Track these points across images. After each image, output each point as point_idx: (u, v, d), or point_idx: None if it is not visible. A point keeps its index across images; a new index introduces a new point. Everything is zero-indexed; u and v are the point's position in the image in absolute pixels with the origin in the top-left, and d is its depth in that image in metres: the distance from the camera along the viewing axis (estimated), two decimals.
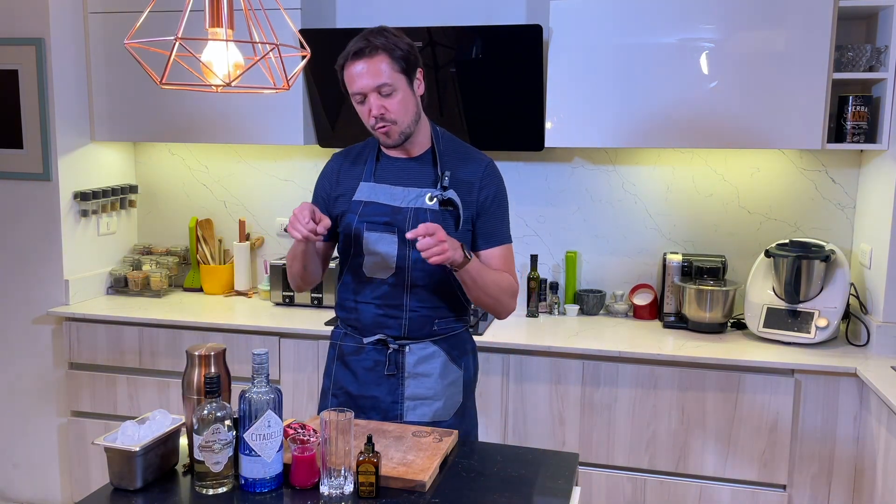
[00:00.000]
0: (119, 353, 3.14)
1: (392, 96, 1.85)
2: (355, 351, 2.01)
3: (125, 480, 1.59)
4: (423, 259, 1.84)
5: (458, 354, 2.03)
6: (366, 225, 1.94)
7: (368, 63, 1.83)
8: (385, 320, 1.96)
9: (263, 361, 1.58)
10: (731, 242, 3.14)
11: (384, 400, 1.98)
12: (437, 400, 1.99)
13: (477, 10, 3.21)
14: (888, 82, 2.67)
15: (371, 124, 1.89)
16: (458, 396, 2.03)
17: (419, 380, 1.98)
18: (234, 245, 3.50)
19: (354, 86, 1.86)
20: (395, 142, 1.91)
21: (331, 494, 1.54)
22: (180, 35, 1.49)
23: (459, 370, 2.03)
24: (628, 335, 2.90)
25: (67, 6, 3.21)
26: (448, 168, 1.95)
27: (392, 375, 1.97)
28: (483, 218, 1.98)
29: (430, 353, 1.98)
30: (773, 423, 2.62)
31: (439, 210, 1.92)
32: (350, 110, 2.01)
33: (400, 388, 1.98)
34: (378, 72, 1.83)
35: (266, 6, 1.76)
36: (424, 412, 1.98)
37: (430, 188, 1.94)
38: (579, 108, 2.88)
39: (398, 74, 1.85)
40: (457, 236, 1.92)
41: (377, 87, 1.84)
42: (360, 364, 2.00)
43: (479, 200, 1.97)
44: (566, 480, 1.68)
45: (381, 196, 1.95)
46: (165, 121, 3.27)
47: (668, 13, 2.76)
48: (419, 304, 1.95)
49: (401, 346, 1.97)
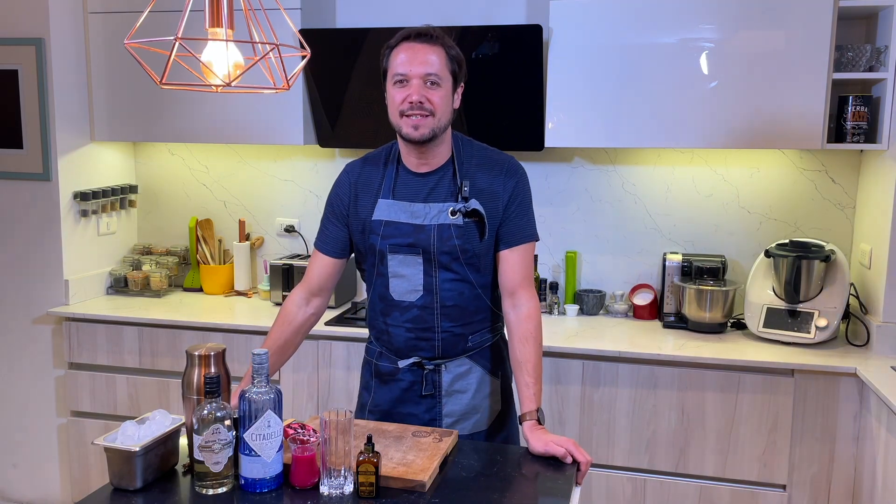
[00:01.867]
0: (119, 353, 3.14)
1: (436, 90, 1.78)
2: (391, 371, 1.97)
3: (125, 480, 1.59)
4: (451, 279, 1.84)
5: (495, 365, 1.99)
6: (389, 246, 1.86)
7: (428, 48, 1.77)
8: (418, 343, 1.91)
9: (263, 361, 1.58)
10: (731, 242, 3.14)
11: (422, 418, 1.95)
12: (476, 413, 1.96)
13: (477, 10, 3.21)
14: (888, 82, 2.67)
15: (403, 109, 1.78)
16: (497, 405, 2.00)
17: (456, 397, 1.94)
18: (234, 245, 3.50)
19: (403, 66, 1.76)
20: (421, 136, 1.79)
21: (331, 494, 1.54)
22: (180, 35, 1.49)
23: (497, 379, 1.99)
24: (628, 335, 2.90)
25: (67, 6, 3.21)
26: (468, 177, 1.87)
27: (430, 395, 1.94)
28: (507, 222, 1.90)
29: (465, 370, 1.94)
30: (772, 423, 2.62)
31: (463, 223, 1.85)
32: (350, 110, 2.01)
33: (437, 406, 1.95)
34: (433, 61, 1.77)
35: (266, 6, 1.76)
36: (464, 426, 1.96)
37: (450, 202, 1.85)
38: (579, 108, 2.88)
39: (448, 74, 1.80)
40: (483, 245, 1.87)
41: (426, 74, 1.76)
42: (398, 385, 1.97)
43: (503, 205, 1.89)
44: (566, 480, 1.67)
45: (401, 215, 1.86)
46: (165, 121, 3.27)
47: (668, 13, 2.76)
48: (451, 324, 1.90)
49: (436, 366, 1.93)
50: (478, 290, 1.91)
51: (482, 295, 1.92)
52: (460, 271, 1.87)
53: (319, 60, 2.28)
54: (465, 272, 1.88)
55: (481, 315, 1.94)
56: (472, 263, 1.88)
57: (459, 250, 1.85)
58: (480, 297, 1.92)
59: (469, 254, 1.86)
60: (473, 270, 1.89)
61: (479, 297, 1.92)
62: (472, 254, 1.87)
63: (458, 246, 1.85)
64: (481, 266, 1.90)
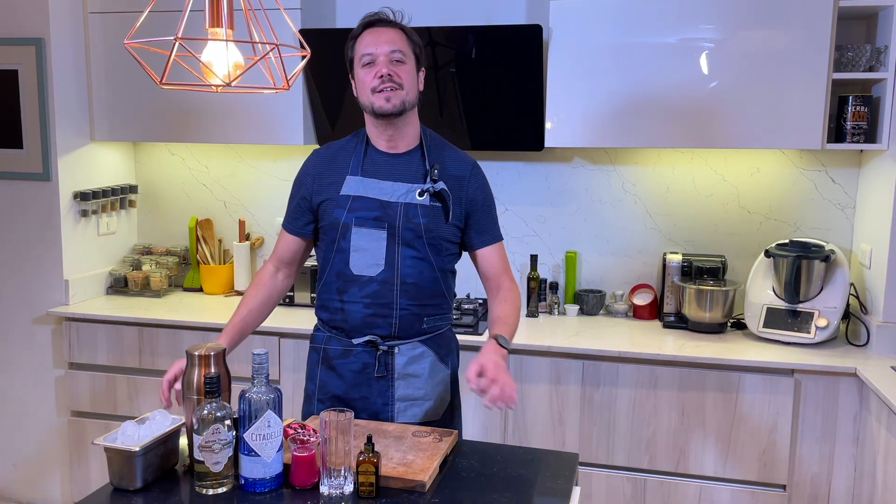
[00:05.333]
0: (119, 353, 3.14)
1: (402, 65, 1.88)
2: (342, 354, 1.98)
3: (125, 480, 1.59)
4: (413, 256, 1.90)
5: (445, 353, 2.03)
6: (354, 219, 1.92)
7: (389, 30, 1.90)
8: (375, 320, 1.93)
9: (263, 361, 1.58)
10: (731, 242, 3.14)
11: (374, 402, 1.97)
12: (428, 400, 1.99)
13: (477, 10, 3.21)
14: (888, 82, 2.67)
15: (375, 86, 1.87)
16: (447, 395, 2.03)
17: (409, 380, 1.97)
18: (234, 245, 3.50)
19: (369, 47, 1.87)
20: (393, 107, 1.87)
21: (331, 494, 1.54)
22: (180, 35, 1.49)
23: (447, 368, 2.04)
24: (628, 335, 2.90)
25: (67, 6, 3.21)
26: (435, 162, 1.96)
27: (382, 377, 1.96)
28: (476, 216, 2.00)
29: (418, 354, 1.97)
30: (773, 422, 2.62)
31: (429, 204, 1.92)
32: (350, 110, 2.02)
33: (390, 389, 1.96)
34: (395, 40, 1.89)
35: (266, 6, 1.76)
36: (415, 413, 1.97)
37: (418, 183, 1.93)
38: (579, 108, 2.88)
39: (411, 52, 1.92)
40: (447, 228, 1.94)
41: (391, 51, 1.87)
42: (348, 367, 1.98)
43: (468, 196, 1.98)
44: (566, 480, 1.68)
45: (369, 190, 1.93)
46: (165, 121, 3.27)
47: (668, 13, 2.76)
48: (409, 301, 1.93)
49: (390, 347, 1.95)
50: (436, 272, 1.96)
51: (439, 279, 1.97)
52: (422, 250, 1.93)
53: (319, 60, 2.28)
54: (427, 252, 1.93)
55: (437, 299, 1.99)
56: (433, 244, 1.94)
57: (423, 229, 1.91)
58: (437, 281, 1.97)
59: (432, 234, 1.93)
60: (434, 252, 1.95)
61: (437, 280, 1.97)
62: (436, 234, 1.93)
63: (422, 224, 1.91)
64: (441, 249, 1.96)
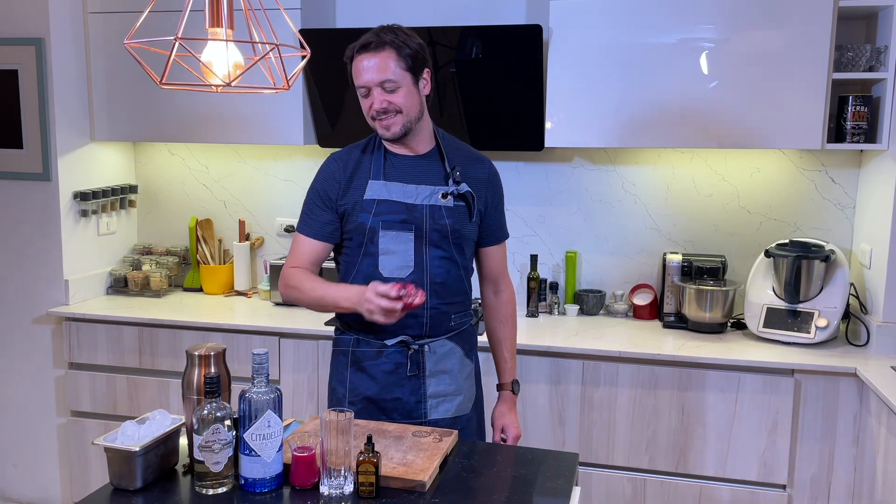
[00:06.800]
0: (119, 353, 3.14)
1: (396, 92, 1.88)
2: (374, 355, 2.00)
3: (125, 480, 1.59)
4: (440, 256, 1.94)
5: (469, 348, 2.09)
6: (381, 223, 1.94)
7: (375, 57, 1.87)
8: (406, 320, 1.92)
9: (263, 361, 1.58)
10: (731, 242, 3.14)
11: (408, 401, 1.99)
12: (458, 395, 2.04)
13: (477, 10, 3.21)
14: (888, 82, 2.67)
15: (373, 115, 1.91)
16: (474, 389, 2.10)
17: (440, 377, 2.01)
18: (234, 245, 3.50)
19: (360, 79, 1.89)
20: (393, 135, 1.91)
21: (331, 494, 1.54)
22: (180, 35, 1.49)
23: (472, 363, 2.09)
24: (628, 335, 2.90)
25: (67, 6, 3.21)
26: (455, 164, 1.99)
27: (414, 376, 1.99)
28: (490, 216, 2.06)
29: (447, 350, 2.02)
30: (773, 423, 2.62)
31: (453, 206, 1.96)
32: (350, 110, 2.02)
33: (422, 387, 1.99)
34: (384, 67, 1.86)
35: (266, 6, 1.76)
36: (447, 408, 2.02)
37: (440, 184, 1.97)
38: (579, 108, 2.88)
39: (403, 72, 1.88)
40: (470, 228, 2.00)
41: (381, 82, 1.87)
42: (380, 368, 1.99)
43: (486, 196, 2.04)
44: (566, 480, 1.68)
45: (394, 194, 1.95)
46: (165, 121, 3.27)
47: (668, 13, 2.76)
48: (439, 301, 1.97)
49: (420, 346, 1.98)
50: (461, 270, 2.02)
51: (463, 276, 2.03)
52: (448, 250, 1.98)
53: (319, 60, 2.28)
54: (453, 251, 1.99)
55: (462, 297, 2.04)
56: (458, 244, 1.99)
57: (450, 230, 1.96)
58: (462, 279, 2.03)
59: (458, 234, 1.98)
60: (458, 251, 2.00)
61: (461, 278, 2.02)
62: (460, 234, 1.98)
63: (448, 225, 1.96)
64: (465, 248, 2.02)
